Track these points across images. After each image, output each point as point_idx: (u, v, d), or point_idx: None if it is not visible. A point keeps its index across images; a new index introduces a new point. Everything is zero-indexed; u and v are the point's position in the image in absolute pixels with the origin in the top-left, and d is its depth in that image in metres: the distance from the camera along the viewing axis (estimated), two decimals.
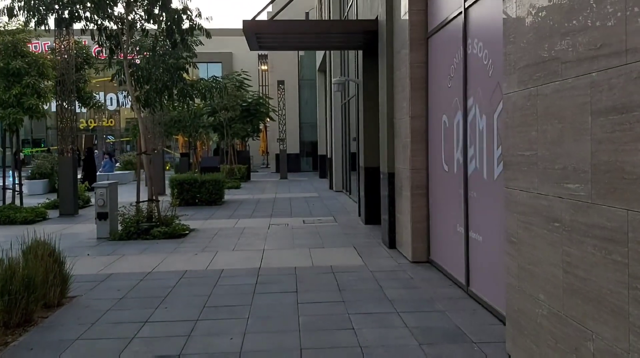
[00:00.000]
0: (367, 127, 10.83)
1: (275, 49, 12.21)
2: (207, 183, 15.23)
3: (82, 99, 15.50)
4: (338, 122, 18.90)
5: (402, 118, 7.72)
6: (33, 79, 12.00)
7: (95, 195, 10.09)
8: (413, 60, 7.31)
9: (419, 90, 7.31)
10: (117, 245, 9.34)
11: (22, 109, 12.02)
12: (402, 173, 7.84)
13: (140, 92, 12.11)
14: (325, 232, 10.19)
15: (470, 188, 5.70)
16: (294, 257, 7.94)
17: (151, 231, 9.86)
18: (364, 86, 10.86)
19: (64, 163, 13.56)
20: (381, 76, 8.83)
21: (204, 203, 15.19)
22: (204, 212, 13.72)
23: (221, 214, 13.28)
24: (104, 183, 10.20)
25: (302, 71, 33.51)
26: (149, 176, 10.38)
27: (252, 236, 9.87)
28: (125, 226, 9.94)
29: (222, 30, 46.15)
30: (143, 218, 10.17)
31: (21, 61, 12.00)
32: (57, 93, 13.37)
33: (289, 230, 10.56)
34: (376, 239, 9.30)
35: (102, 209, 10.03)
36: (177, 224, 10.24)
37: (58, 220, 12.76)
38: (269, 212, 13.49)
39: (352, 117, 15.90)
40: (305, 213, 13.26)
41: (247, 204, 15.34)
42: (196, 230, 10.70)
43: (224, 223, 11.73)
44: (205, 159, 21.10)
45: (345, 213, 13.01)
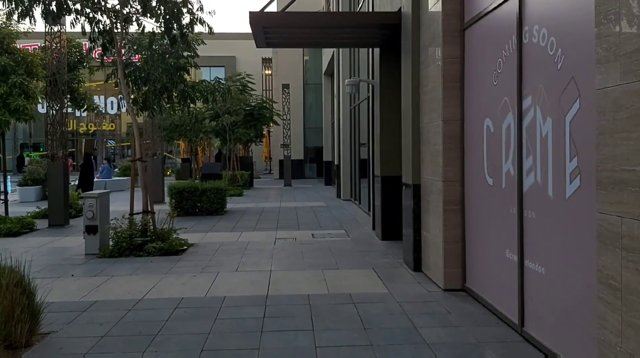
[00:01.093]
0: (384, 133, 9.84)
1: (283, 45, 11.25)
2: (208, 192, 14.23)
3: (75, 101, 14.53)
4: (346, 127, 17.92)
5: (432, 122, 6.73)
6: (20, 78, 11.02)
7: (84, 206, 9.10)
8: (446, 55, 6.33)
9: (452, 89, 6.32)
10: (106, 263, 8.33)
11: (8, 111, 11.03)
12: (430, 184, 6.84)
13: (137, 94, 11.17)
14: (338, 249, 9.18)
15: (527, 207, 4.70)
16: (306, 281, 6.92)
17: (145, 247, 8.86)
18: (381, 87, 9.87)
19: (54, 169, 12.58)
20: (404, 75, 7.84)
21: (204, 212, 14.19)
22: (204, 223, 12.71)
23: (223, 226, 12.28)
24: (94, 193, 9.21)
25: (307, 75, 32.57)
26: (144, 185, 9.39)
27: (257, 253, 8.86)
28: (117, 241, 8.94)
29: (226, 34, 45.35)
30: (137, 231, 9.17)
31: (7, 58, 11.03)
32: (48, 94, 12.41)
33: (297, 246, 9.55)
34: (397, 258, 8.28)
35: (91, 222, 9.03)
36: (174, 239, 9.23)
37: (46, 232, 11.76)
38: (274, 224, 12.48)
39: (363, 122, 14.92)
40: (314, 225, 12.25)
41: (250, 215, 14.33)
42: (196, 245, 9.69)
43: (226, 236, 10.72)
44: (207, 165, 20.12)
45: (357, 226, 12.00)
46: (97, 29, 9.58)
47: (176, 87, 11.59)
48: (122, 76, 9.80)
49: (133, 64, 11.08)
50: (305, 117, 32.23)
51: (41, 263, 8.41)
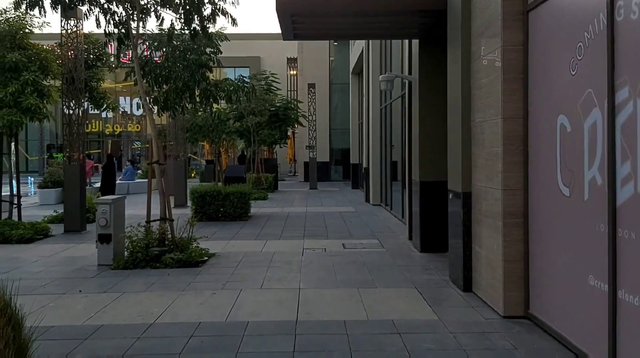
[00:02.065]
0: (423, 134, 8.93)
1: (311, 37, 10.43)
2: (231, 196, 13.47)
3: (94, 100, 13.90)
4: (376, 128, 17.02)
5: (487, 120, 5.82)
6: (33, 75, 10.38)
7: (97, 213, 8.38)
8: (507, 42, 5.41)
9: (514, 82, 5.41)
10: (119, 275, 7.59)
11: (20, 110, 10.40)
12: (485, 193, 5.92)
13: (158, 93, 10.46)
14: (373, 262, 8.30)
15: (623, 225, 3.77)
16: (341, 303, 6.06)
17: (163, 258, 8.10)
18: (420, 83, 8.97)
19: (70, 171, 11.94)
20: (451, 68, 6.94)
21: (227, 218, 13.42)
22: (227, 229, 11.94)
23: (247, 233, 11.48)
24: (107, 198, 8.48)
25: (333, 75, 31.73)
26: (162, 189, 8.63)
27: (283, 266, 8.03)
28: (132, 251, 8.20)
29: (250, 34, 44.82)
30: (154, 240, 8.42)
31: (20, 54, 10.40)
32: (64, 92, 11.77)
33: (327, 258, 8.69)
34: (441, 275, 7.37)
35: (104, 230, 8.31)
36: (194, 248, 8.46)
37: (61, 238, 11.11)
38: (300, 231, 11.64)
39: (396, 122, 14.02)
40: (344, 233, 11.38)
41: (275, 220, 13.53)
42: (217, 255, 8.91)
43: (250, 245, 9.92)
44: (230, 167, 19.36)
45: (391, 235, 11.09)
46: (112, 21, 8.90)
47: (198, 85, 10.87)
48: (138, 71, 9.08)
49: (152, 62, 10.36)
50: (331, 118, 31.39)
51: (49, 274, 7.71)
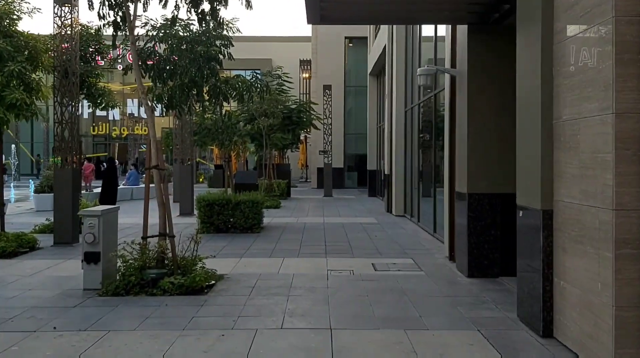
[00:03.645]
0: (473, 136, 7.52)
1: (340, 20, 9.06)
2: (242, 205, 12.09)
3: (92, 97, 12.58)
4: (400, 132, 15.61)
5: (586, 117, 4.40)
6: (19, 66, 9.06)
7: (83, 227, 7.02)
8: (622, 11, 4.01)
9: (631, 65, 4.00)
10: (107, 304, 6.21)
11: (4, 106, 9.08)
12: (579, 212, 4.50)
13: (162, 90, 9.13)
14: (414, 290, 6.88)
15: None
16: (387, 354, 4.65)
17: (161, 283, 6.72)
18: (469, 77, 7.56)
19: (61, 176, 10.60)
20: (523, 54, 5.53)
21: (238, 229, 12.03)
22: (237, 244, 10.56)
23: (260, 248, 10.09)
24: (95, 210, 7.11)
25: (348, 77, 30.36)
26: (161, 200, 7.26)
27: (306, 295, 6.63)
28: (124, 274, 6.83)
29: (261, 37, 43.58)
30: (151, 260, 7.04)
31: (4, 42, 9.09)
32: (56, 87, 10.47)
33: (357, 284, 7.28)
34: (503, 311, 5.94)
35: (91, 247, 6.94)
36: (199, 271, 7.06)
37: (49, 252, 9.77)
38: (321, 247, 10.24)
39: (427, 124, 12.63)
40: (370, 249, 9.97)
41: (291, 233, 12.13)
42: (226, 278, 7.51)
43: (265, 264, 8.53)
44: (241, 173, 17.98)
45: (425, 253, 9.66)
46: (108, 2, 7.60)
47: (207, 81, 9.52)
48: (135, 60, 7.77)
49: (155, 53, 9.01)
50: (345, 122, 30.00)
51: (24, 301, 6.35)
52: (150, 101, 8.71)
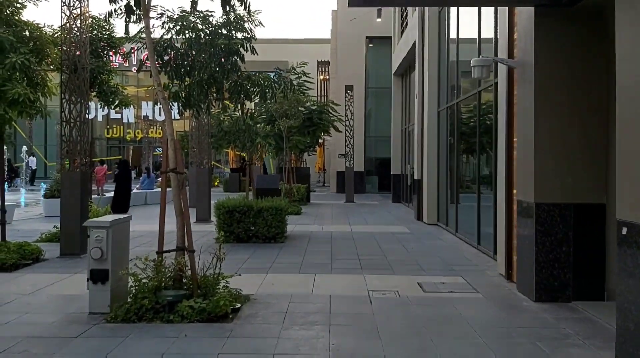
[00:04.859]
0: (542, 137, 6.44)
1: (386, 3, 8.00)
2: (265, 212, 11.07)
3: (103, 95, 11.66)
4: (433, 133, 14.52)
5: None
6: (22, 58, 8.13)
7: (89, 241, 6.04)
8: None
9: None
10: (115, 335, 5.22)
11: (6, 102, 8.15)
12: None
13: (180, 87, 8.18)
14: (477, 320, 5.80)
15: None
16: None
17: (178, 307, 5.71)
18: (538, 68, 6.48)
19: (69, 179, 9.67)
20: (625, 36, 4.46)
21: (260, 239, 11.01)
22: (261, 256, 9.55)
23: (286, 261, 9.06)
24: (103, 221, 6.12)
25: (369, 78, 29.31)
26: (179, 208, 6.26)
27: (350, 326, 5.58)
28: (136, 296, 5.83)
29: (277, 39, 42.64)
30: (167, 279, 6.04)
31: (6, 32, 8.16)
32: (64, 83, 9.54)
33: (407, 310, 6.22)
34: (594, 347, 4.86)
35: (98, 264, 5.96)
36: (222, 293, 6.05)
37: (54, 264, 8.84)
38: (354, 261, 9.19)
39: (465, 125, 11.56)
40: (411, 264, 8.90)
41: (318, 244, 11.09)
42: (252, 300, 6.48)
43: (295, 282, 7.50)
44: (262, 178, 16.94)
45: (473, 269, 8.58)
46: None
47: (227, 77, 8.54)
48: (151, 48, 6.80)
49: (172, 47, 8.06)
50: (366, 125, 28.93)
51: (19, 329, 5.38)
52: (167, 97, 7.77)
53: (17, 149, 40.41)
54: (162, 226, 6.27)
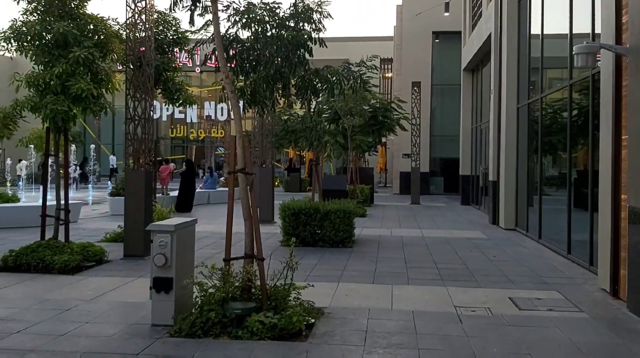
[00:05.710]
0: None
1: None
2: (332, 215, 10.46)
3: (168, 92, 11.36)
4: (511, 132, 13.52)
5: None
6: (86, 52, 7.83)
7: (152, 246, 5.58)
8: None
9: None
10: (179, 353, 4.72)
11: (69, 98, 7.88)
12: None
13: (245, 83, 7.69)
14: (588, 346, 4.97)
15: None
16: None
17: (247, 321, 5.16)
18: None
19: (132, 179, 9.37)
20: None
21: (327, 243, 10.42)
22: (329, 262, 8.95)
23: (358, 269, 8.40)
24: (168, 224, 5.65)
25: (435, 75, 28.25)
26: (248, 212, 5.72)
27: (441, 347, 4.87)
28: (202, 308, 5.32)
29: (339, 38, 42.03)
30: (235, 289, 5.50)
31: (69, 25, 7.88)
32: (128, 79, 9.24)
33: (504, 331, 5.44)
34: None
35: (162, 272, 5.49)
36: (294, 307, 5.45)
37: (117, 266, 8.52)
38: (432, 270, 8.42)
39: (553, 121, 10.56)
40: (497, 276, 8.06)
41: (389, 249, 10.37)
42: (327, 314, 5.87)
43: (370, 294, 6.84)
44: (329, 178, 16.37)
45: (568, 282, 7.65)
46: None
47: (294, 72, 7.96)
48: (219, 39, 6.31)
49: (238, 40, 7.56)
50: (432, 123, 27.90)
51: (77, 343, 4.95)
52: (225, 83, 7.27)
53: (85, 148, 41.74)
54: (229, 231, 5.75)
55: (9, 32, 7.79)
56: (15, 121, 8.74)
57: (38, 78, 7.85)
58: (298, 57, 7.78)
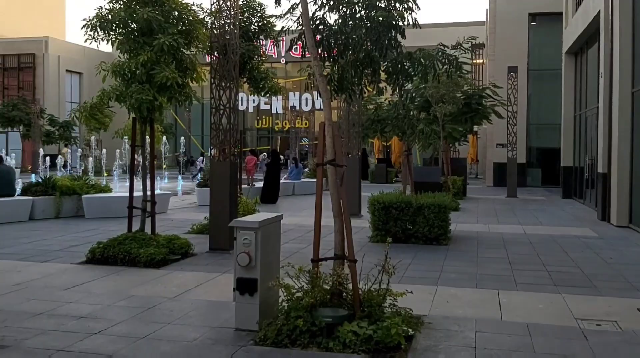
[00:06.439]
0: None
1: None
2: (425, 209, 9.72)
3: (254, 81, 11.02)
4: (625, 119, 12.13)
5: None
6: (170, 39, 7.55)
7: (236, 244, 5.15)
8: None
9: None
10: None
11: (154, 87, 7.65)
12: None
13: (332, 69, 7.14)
14: None
15: None
16: None
17: (339, 331, 4.61)
18: None
19: (217, 169, 9.09)
20: None
21: (420, 240, 9.70)
22: (424, 261, 8.25)
23: (456, 270, 7.65)
24: (252, 221, 5.18)
25: (532, 59, 26.46)
26: (338, 208, 5.15)
27: None
28: (289, 314, 4.82)
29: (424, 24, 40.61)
30: (324, 294, 4.96)
31: (153, 11, 7.63)
32: (214, 67, 8.93)
33: (637, 351, 4.57)
34: None
35: (246, 272, 5.04)
36: (391, 316, 4.82)
37: (203, 260, 8.28)
38: (541, 273, 7.52)
39: None
40: (618, 281, 7.05)
41: (489, 248, 9.50)
42: (426, 326, 5.20)
43: (474, 300, 6.10)
44: (421, 170, 15.57)
45: None
46: None
47: (385, 56, 7.29)
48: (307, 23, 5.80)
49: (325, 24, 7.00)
50: (528, 111, 26.18)
51: (157, 347, 4.62)
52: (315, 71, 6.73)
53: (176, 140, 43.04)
54: (317, 229, 5.21)
55: (95, 20, 7.66)
56: (103, 112, 8.67)
57: (123, 67, 7.68)
58: (389, 40, 7.14)
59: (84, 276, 7.12)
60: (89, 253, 8.06)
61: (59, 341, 4.70)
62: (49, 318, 5.36)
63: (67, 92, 45.89)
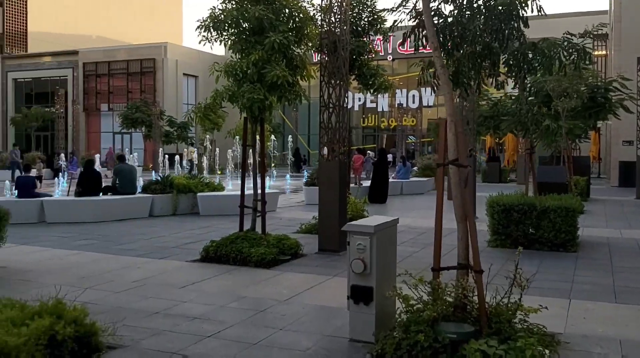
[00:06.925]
0: None
1: None
2: (550, 213, 8.91)
3: (363, 78, 10.73)
4: None
5: None
6: (281, 37, 7.43)
7: (349, 249, 4.85)
8: None
9: None
10: None
11: (264, 86, 7.57)
12: None
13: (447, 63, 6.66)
14: None
15: None
16: None
17: (464, 349, 4.16)
18: None
19: (326, 169, 8.88)
20: None
21: (545, 246, 8.91)
22: (551, 269, 7.51)
23: (590, 281, 6.86)
24: (366, 225, 4.84)
25: None
26: (462, 214, 4.69)
27: None
28: (408, 328, 4.44)
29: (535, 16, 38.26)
30: (447, 307, 4.53)
31: (264, 9, 7.53)
32: (323, 65, 8.73)
33: None
34: None
35: (360, 280, 4.74)
36: (524, 336, 4.29)
37: (312, 261, 8.10)
38: None
39: None
40: None
41: (624, 256, 8.53)
42: (562, 346, 4.61)
43: (615, 317, 5.39)
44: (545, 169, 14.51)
45: None
46: None
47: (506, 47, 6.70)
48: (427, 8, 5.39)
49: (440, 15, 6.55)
50: None
51: (266, 355, 4.42)
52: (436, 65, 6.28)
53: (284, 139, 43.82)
54: (438, 235, 4.78)
55: (209, 20, 7.71)
56: (216, 112, 8.75)
57: (235, 67, 7.67)
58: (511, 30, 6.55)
59: (198, 275, 7.17)
60: (202, 251, 8.16)
61: (174, 343, 4.67)
62: (164, 318, 5.37)
63: (184, 95, 48.23)
